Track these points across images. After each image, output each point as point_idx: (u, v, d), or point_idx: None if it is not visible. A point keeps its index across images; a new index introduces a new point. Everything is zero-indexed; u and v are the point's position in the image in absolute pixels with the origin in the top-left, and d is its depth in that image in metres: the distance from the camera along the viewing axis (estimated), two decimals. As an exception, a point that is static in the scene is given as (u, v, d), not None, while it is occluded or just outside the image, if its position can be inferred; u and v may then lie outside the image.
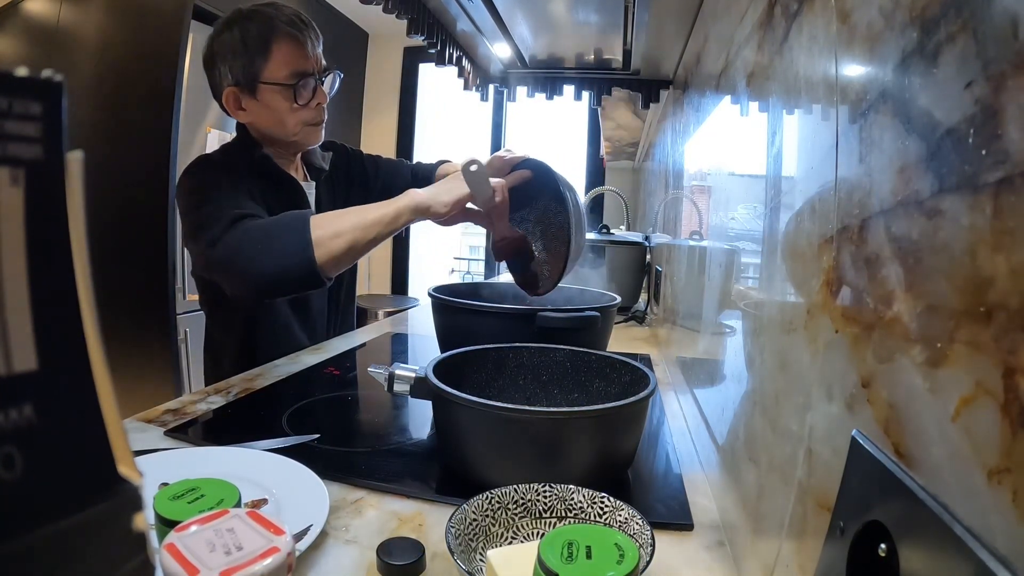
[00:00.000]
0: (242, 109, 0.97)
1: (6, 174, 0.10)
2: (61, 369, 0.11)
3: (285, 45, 0.94)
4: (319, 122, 1.02)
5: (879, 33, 0.28)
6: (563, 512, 0.46)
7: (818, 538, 0.29)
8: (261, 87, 0.94)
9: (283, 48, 0.94)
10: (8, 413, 0.10)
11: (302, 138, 1.01)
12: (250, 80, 0.94)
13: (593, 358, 0.71)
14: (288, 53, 0.94)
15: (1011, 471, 0.17)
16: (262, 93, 0.95)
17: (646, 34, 1.16)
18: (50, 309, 0.11)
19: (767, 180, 0.48)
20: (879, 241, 0.27)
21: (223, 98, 0.97)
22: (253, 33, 0.93)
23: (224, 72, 0.95)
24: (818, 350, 0.33)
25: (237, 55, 0.93)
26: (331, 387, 0.89)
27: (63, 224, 0.11)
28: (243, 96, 0.96)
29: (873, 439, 0.26)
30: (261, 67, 0.93)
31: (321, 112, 1.01)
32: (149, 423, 0.70)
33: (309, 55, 0.97)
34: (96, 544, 0.12)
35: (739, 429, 0.51)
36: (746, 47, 0.58)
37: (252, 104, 0.96)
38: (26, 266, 0.10)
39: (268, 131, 0.99)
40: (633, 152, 2.95)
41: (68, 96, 0.11)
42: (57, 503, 0.11)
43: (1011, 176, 0.18)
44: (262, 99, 0.95)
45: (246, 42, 0.93)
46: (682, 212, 1.13)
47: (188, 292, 2.29)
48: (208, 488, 0.34)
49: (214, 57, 0.96)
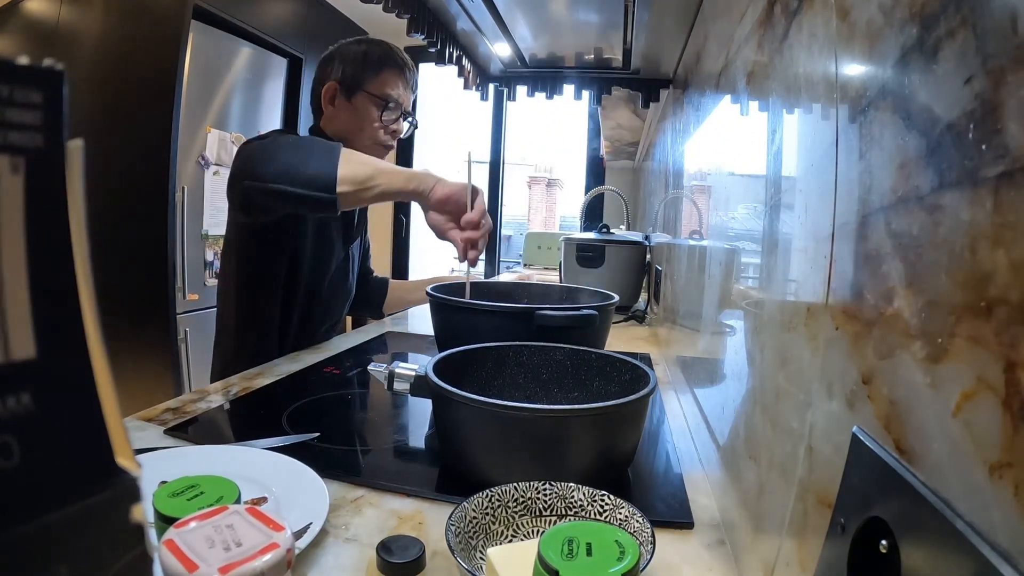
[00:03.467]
0: (331, 104, 1.11)
1: (7, 162, 0.10)
2: (60, 358, 0.11)
3: (393, 74, 1.13)
4: (388, 147, 1.17)
5: (879, 30, 0.28)
6: (563, 510, 0.46)
7: (819, 535, 0.29)
8: (360, 94, 1.10)
9: (391, 75, 1.12)
10: (6, 402, 0.10)
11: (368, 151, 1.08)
12: (354, 85, 1.10)
13: (593, 357, 0.71)
14: (392, 80, 1.13)
15: (1012, 466, 0.17)
16: (357, 99, 1.11)
17: (646, 33, 1.16)
18: (49, 298, 0.11)
19: (767, 179, 0.48)
20: (879, 237, 0.27)
21: (324, 88, 1.10)
22: (375, 53, 1.12)
23: (337, 69, 1.10)
24: (818, 347, 0.33)
25: (355, 62, 1.10)
26: (331, 386, 0.89)
27: (63, 213, 0.11)
28: (339, 95, 1.11)
29: (874, 435, 0.26)
30: (368, 79, 1.11)
31: (391, 140, 1.16)
32: (149, 422, 0.70)
33: (404, 91, 1.15)
34: (94, 535, 0.12)
35: (739, 427, 0.51)
36: (746, 46, 0.58)
37: (343, 104, 1.11)
38: (25, 254, 0.10)
39: (344, 133, 1.12)
40: (633, 151, 2.95)
41: (67, 99, 0.11)
42: (54, 493, 0.11)
43: (1011, 171, 0.18)
44: (355, 103, 1.11)
45: (367, 56, 1.11)
46: (682, 211, 1.13)
47: (188, 292, 2.29)
48: (207, 485, 0.34)
49: (334, 56, 1.12)
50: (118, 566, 0.12)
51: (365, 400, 0.86)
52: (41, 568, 0.11)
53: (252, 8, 2.53)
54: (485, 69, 1.59)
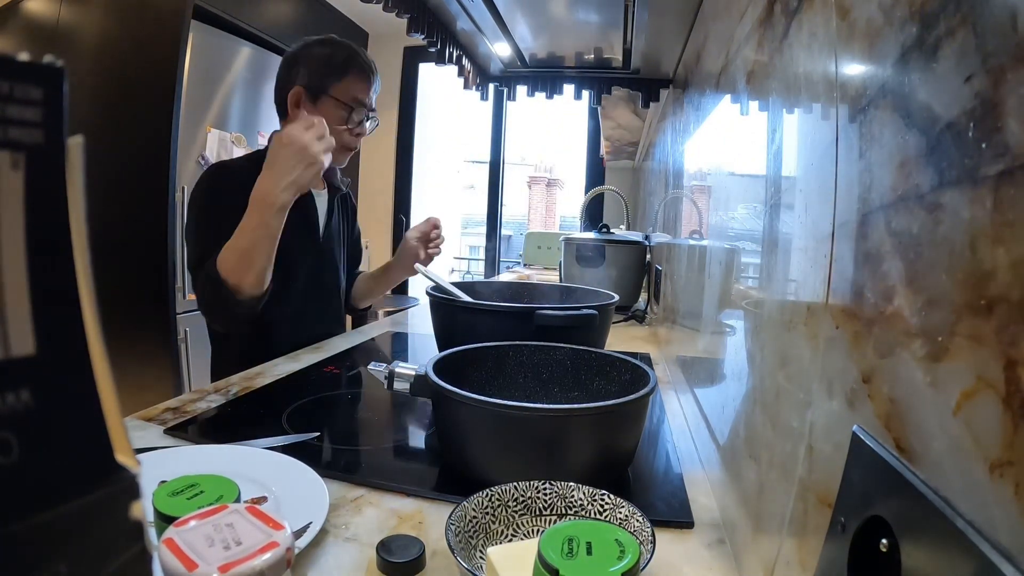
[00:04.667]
0: (298, 108, 1.09)
1: (7, 158, 0.10)
2: (59, 355, 0.11)
3: (357, 77, 1.11)
4: (352, 148, 1.17)
5: (879, 29, 0.28)
6: (563, 510, 0.46)
7: (819, 534, 0.29)
8: (324, 98, 1.09)
9: (355, 78, 1.11)
10: (5, 398, 0.10)
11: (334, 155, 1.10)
12: (318, 89, 1.09)
13: (593, 356, 0.71)
14: (357, 83, 1.11)
15: (1013, 464, 0.17)
16: (323, 103, 1.09)
17: (646, 33, 1.16)
18: (49, 295, 0.11)
19: (767, 178, 0.48)
20: (879, 236, 0.27)
21: (289, 94, 1.09)
22: (339, 56, 1.10)
23: (301, 73, 1.09)
24: (818, 346, 0.33)
25: (319, 65, 1.09)
26: (331, 385, 0.89)
27: (63, 209, 0.11)
28: (305, 99, 1.09)
29: (874, 434, 0.26)
30: (332, 83, 1.09)
31: (356, 141, 1.16)
32: (149, 421, 0.70)
33: (369, 93, 1.14)
34: (93, 531, 0.12)
35: (739, 427, 0.51)
36: (746, 45, 0.58)
37: (309, 109, 1.09)
38: (25, 250, 0.10)
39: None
40: (633, 151, 2.95)
41: (67, 96, 0.11)
42: (53, 489, 0.11)
43: (1011, 169, 0.18)
44: (320, 108, 1.09)
45: (331, 59, 1.10)
46: (682, 211, 1.13)
47: (188, 292, 2.28)
48: (207, 484, 0.34)
49: (297, 59, 1.10)
50: (117, 563, 0.12)
51: (365, 400, 0.86)
52: (41, 565, 0.11)
53: (252, 8, 2.53)
54: (485, 69, 1.59)
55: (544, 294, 1.13)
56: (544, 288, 1.15)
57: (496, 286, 1.16)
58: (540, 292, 1.14)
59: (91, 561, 0.12)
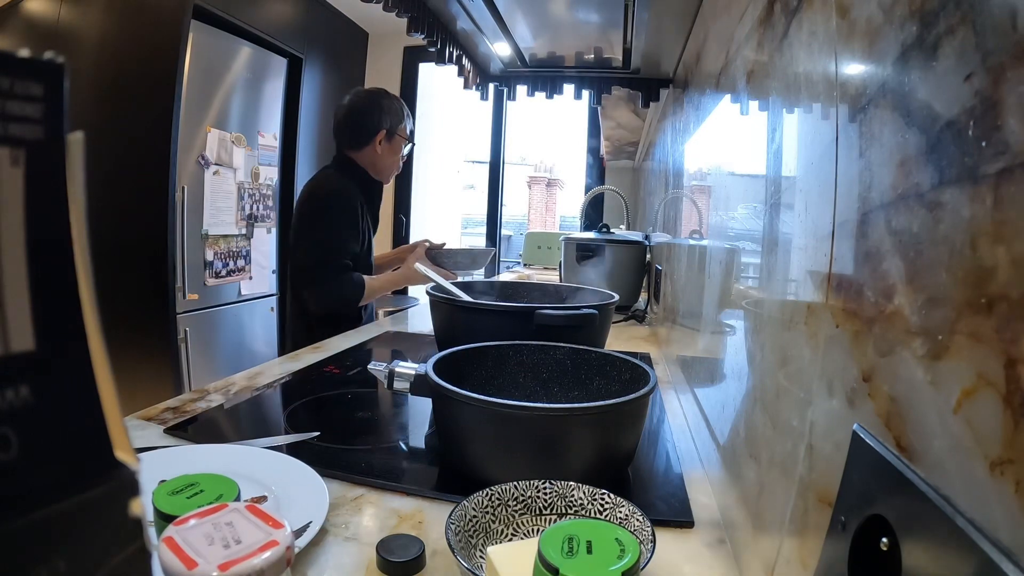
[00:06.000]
0: (378, 145, 1.52)
1: (7, 154, 0.10)
2: (59, 351, 0.11)
3: (409, 120, 1.60)
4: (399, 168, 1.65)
5: (878, 27, 0.28)
6: (563, 509, 0.46)
7: (819, 533, 0.29)
8: (396, 138, 1.55)
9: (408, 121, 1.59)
10: (4, 394, 0.10)
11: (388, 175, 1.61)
12: (391, 132, 1.54)
13: (593, 356, 0.71)
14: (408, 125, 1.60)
15: (1013, 462, 0.17)
16: (395, 141, 1.55)
17: (646, 33, 1.16)
18: (49, 291, 0.11)
19: (767, 178, 0.48)
20: (879, 235, 0.27)
21: (376, 135, 1.51)
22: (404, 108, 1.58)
23: (384, 120, 1.52)
24: (819, 345, 0.33)
25: (396, 115, 1.54)
26: (331, 385, 0.89)
27: (63, 205, 0.11)
28: (384, 139, 1.53)
29: (874, 433, 0.26)
30: (399, 127, 1.56)
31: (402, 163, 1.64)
32: (149, 421, 0.70)
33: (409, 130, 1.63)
34: (92, 528, 0.12)
35: (739, 426, 0.51)
36: (746, 45, 0.58)
37: (386, 146, 1.54)
38: (25, 247, 0.10)
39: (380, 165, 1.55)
40: (633, 151, 2.95)
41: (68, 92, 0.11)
42: (52, 486, 0.11)
43: (1011, 167, 0.18)
44: (393, 145, 1.55)
45: (402, 110, 1.56)
46: (682, 211, 1.13)
47: (188, 292, 2.29)
48: (207, 483, 0.34)
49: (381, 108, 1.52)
50: (116, 560, 0.12)
51: (365, 399, 0.86)
52: (39, 561, 0.11)
53: (252, 8, 2.53)
54: (485, 69, 1.59)
55: (544, 294, 1.13)
56: (544, 288, 1.15)
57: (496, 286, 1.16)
58: (540, 292, 1.14)
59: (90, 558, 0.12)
